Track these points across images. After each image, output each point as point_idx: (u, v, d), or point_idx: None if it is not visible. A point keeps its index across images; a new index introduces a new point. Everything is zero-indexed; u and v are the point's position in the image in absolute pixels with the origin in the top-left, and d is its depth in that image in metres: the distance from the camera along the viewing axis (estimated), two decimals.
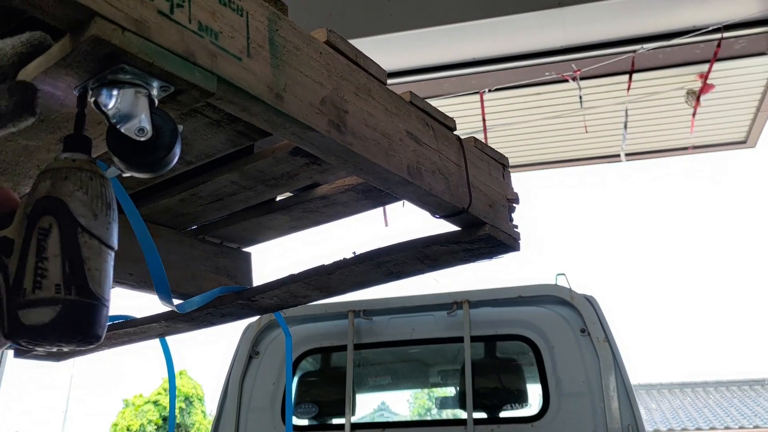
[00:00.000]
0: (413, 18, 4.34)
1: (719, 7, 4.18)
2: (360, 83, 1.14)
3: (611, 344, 2.80)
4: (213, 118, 1.28)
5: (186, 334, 2.11)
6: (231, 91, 0.88)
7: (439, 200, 1.29)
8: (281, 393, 3.06)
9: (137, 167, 0.85)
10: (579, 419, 2.73)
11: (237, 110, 0.93)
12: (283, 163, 1.47)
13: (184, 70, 0.81)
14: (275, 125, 0.98)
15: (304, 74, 1.00)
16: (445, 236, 1.47)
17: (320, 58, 1.05)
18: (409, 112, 1.27)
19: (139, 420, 20.85)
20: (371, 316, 3.11)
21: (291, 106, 0.96)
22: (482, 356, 3.09)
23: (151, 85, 0.81)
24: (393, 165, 1.16)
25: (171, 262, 1.81)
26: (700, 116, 5.13)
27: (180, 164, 1.46)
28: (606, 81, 4.86)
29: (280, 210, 1.72)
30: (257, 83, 0.91)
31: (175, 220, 1.80)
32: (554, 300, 2.97)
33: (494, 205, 1.46)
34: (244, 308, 1.84)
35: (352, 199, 1.62)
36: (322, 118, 1.02)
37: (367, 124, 1.13)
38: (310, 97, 1.00)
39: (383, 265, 1.57)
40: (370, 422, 3.84)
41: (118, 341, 2.13)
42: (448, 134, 1.39)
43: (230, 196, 1.63)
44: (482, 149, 1.51)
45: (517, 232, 1.51)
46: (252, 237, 1.94)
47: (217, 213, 1.76)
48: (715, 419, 16.01)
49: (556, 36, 4.43)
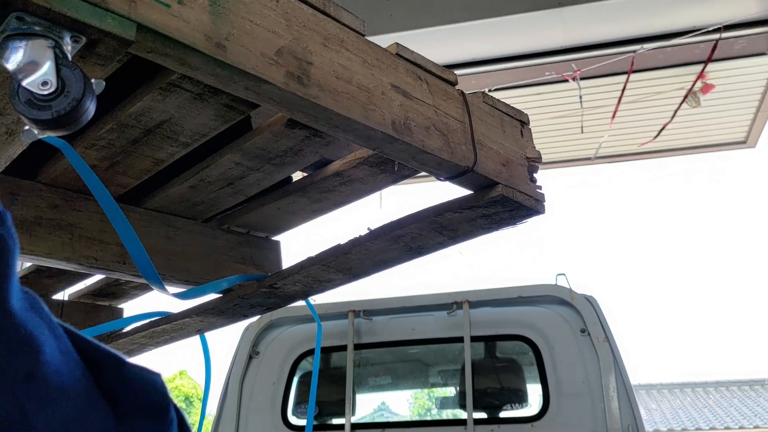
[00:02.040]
0: (413, 18, 4.34)
1: (719, 7, 4.18)
2: (329, 33, 1.06)
3: (611, 344, 2.80)
4: (194, 92, 1.25)
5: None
6: (159, 40, 0.82)
7: (437, 158, 1.19)
8: (281, 393, 3.07)
9: (47, 125, 0.78)
10: (579, 419, 2.73)
11: (175, 64, 0.88)
12: (283, 137, 1.43)
13: (93, 17, 0.74)
14: (222, 79, 0.93)
15: (254, 23, 0.93)
16: (457, 201, 1.37)
17: (277, 7, 0.98)
18: (395, 65, 1.18)
19: None
20: (371, 316, 3.11)
21: (238, 56, 0.89)
22: (482, 356, 3.09)
23: (62, 36, 0.75)
24: (374, 120, 1.08)
25: (191, 253, 1.80)
26: (701, 116, 5.13)
27: (177, 147, 1.45)
28: (606, 81, 4.86)
29: (296, 192, 1.68)
30: (191, 32, 0.84)
31: (193, 210, 1.79)
32: (554, 300, 2.97)
33: (509, 164, 1.34)
34: (269, 297, 1.80)
35: (367, 175, 1.55)
36: (278, 69, 0.94)
37: (339, 77, 1.04)
38: (262, 48, 0.93)
39: (400, 239, 1.48)
40: (370, 422, 3.84)
41: (159, 340, 2.13)
42: (447, 89, 1.28)
43: (240, 179, 1.61)
44: (494, 105, 1.40)
45: (540, 193, 1.38)
46: (276, 224, 1.92)
47: (232, 199, 1.74)
48: (715, 419, 16.00)
49: (556, 36, 4.43)
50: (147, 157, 1.50)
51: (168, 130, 1.40)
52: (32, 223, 1.56)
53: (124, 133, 1.40)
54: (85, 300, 2.31)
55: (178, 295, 1.64)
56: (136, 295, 2.30)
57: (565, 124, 5.43)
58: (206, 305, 1.87)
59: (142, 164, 1.54)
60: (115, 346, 2.19)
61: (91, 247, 1.64)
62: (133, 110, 1.31)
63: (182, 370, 21.98)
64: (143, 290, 2.24)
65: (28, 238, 1.54)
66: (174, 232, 1.79)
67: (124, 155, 1.49)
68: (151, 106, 1.30)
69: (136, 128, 1.38)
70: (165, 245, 1.76)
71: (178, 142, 1.44)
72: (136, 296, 2.32)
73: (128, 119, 1.35)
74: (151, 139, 1.43)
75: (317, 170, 1.61)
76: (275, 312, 3.16)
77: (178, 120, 1.35)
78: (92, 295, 2.28)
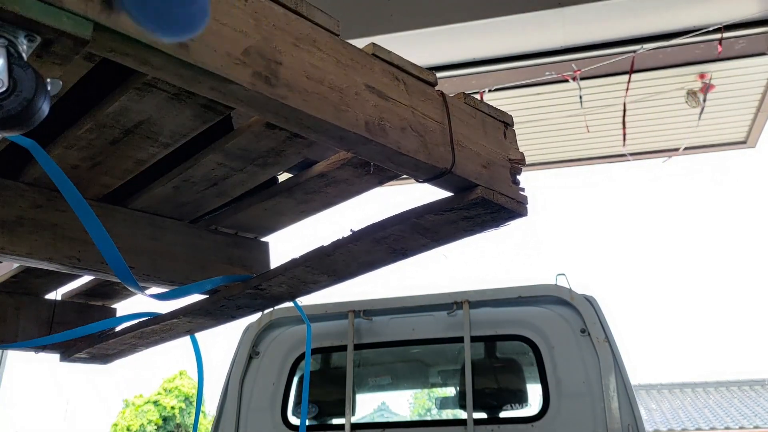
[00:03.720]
0: (413, 18, 4.34)
1: (719, 7, 4.18)
2: (301, 33, 1.05)
3: (611, 344, 2.80)
4: (170, 92, 1.25)
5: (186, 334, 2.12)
6: (118, 39, 0.81)
7: (413, 160, 1.18)
8: (281, 393, 3.06)
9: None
10: (579, 419, 2.73)
11: (137, 63, 0.87)
12: (264, 138, 1.42)
13: (47, 16, 0.72)
14: (187, 79, 0.92)
15: (220, 22, 0.92)
16: (437, 203, 1.36)
17: (245, 7, 0.97)
18: (371, 65, 1.16)
19: (139, 420, 20.83)
20: (371, 316, 3.11)
21: (201, 56, 0.88)
22: (482, 356, 3.09)
23: (16, 36, 0.74)
24: (345, 121, 1.06)
25: (177, 254, 1.80)
26: (701, 116, 5.13)
27: (157, 147, 1.45)
28: (606, 81, 4.87)
29: (282, 193, 1.68)
30: None
31: (178, 210, 1.78)
32: (554, 300, 2.97)
33: (490, 165, 1.33)
34: (255, 298, 1.80)
35: (352, 176, 1.55)
36: (244, 69, 0.94)
37: (310, 77, 1.03)
38: (228, 48, 0.92)
39: (383, 241, 1.48)
40: (370, 422, 3.83)
41: (149, 341, 2.13)
42: (426, 89, 1.27)
43: (224, 180, 1.61)
44: (475, 106, 1.38)
45: (522, 195, 1.38)
46: (264, 225, 1.92)
47: (218, 200, 1.74)
48: (715, 419, 16.00)
49: (556, 36, 4.43)
50: (128, 157, 1.50)
51: (147, 130, 1.39)
52: (14, 223, 1.55)
53: (104, 133, 1.39)
54: (77, 300, 2.30)
55: (155, 296, 1.63)
56: (129, 295, 2.30)
57: (565, 124, 5.43)
58: (193, 306, 1.87)
59: (124, 164, 1.53)
60: (105, 346, 2.19)
61: (73, 248, 1.63)
62: (111, 110, 1.31)
63: (182, 370, 21.98)
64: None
65: (9, 237, 1.53)
66: (160, 233, 1.78)
67: (105, 155, 1.49)
68: (128, 106, 1.30)
69: (115, 128, 1.38)
70: (151, 245, 1.76)
71: (159, 143, 1.44)
72: (129, 296, 2.31)
73: (106, 119, 1.34)
74: (131, 140, 1.42)
75: (302, 171, 1.62)
76: (275, 312, 3.16)
77: (156, 120, 1.35)
78: (85, 295, 2.27)
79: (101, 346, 2.17)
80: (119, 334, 2.11)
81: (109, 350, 2.24)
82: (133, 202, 1.73)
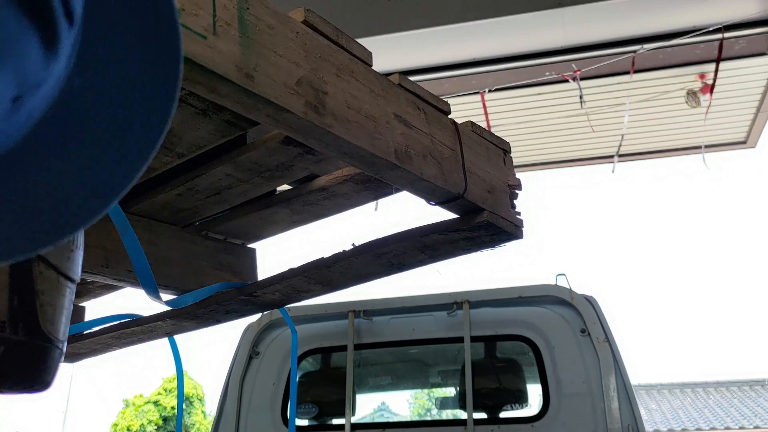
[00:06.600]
0: (413, 18, 4.34)
1: (719, 7, 4.18)
2: (342, 64, 1.11)
3: (611, 344, 2.80)
4: (198, 107, 1.26)
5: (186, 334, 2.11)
6: (195, 70, 0.86)
7: (431, 185, 1.26)
8: (281, 393, 3.06)
9: None
10: (579, 419, 2.73)
11: (205, 91, 0.91)
12: (277, 153, 1.45)
13: None
14: (248, 107, 0.96)
15: (278, 54, 0.97)
16: (444, 224, 1.44)
17: (297, 38, 1.02)
18: (398, 95, 1.24)
19: (139, 420, 20.85)
20: (371, 317, 3.11)
21: (263, 86, 0.94)
22: (482, 356, 3.09)
23: None
24: (379, 148, 1.14)
25: (172, 259, 1.80)
26: (700, 116, 5.13)
27: (172, 157, 1.46)
28: (606, 81, 4.86)
29: (280, 203, 1.71)
30: (224, 62, 0.88)
31: (175, 215, 1.79)
32: (554, 300, 2.97)
33: (494, 191, 1.43)
34: (247, 304, 1.82)
35: (352, 191, 1.60)
36: (298, 99, 0.99)
37: (350, 106, 1.10)
38: (285, 78, 0.98)
39: (383, 256, 1.54)
40: (370, 422, 3.83)
41: (126, 341, 2.12)
42: (441, 118, 1.36)
43: (227, 190, 1.62)
44: (480, 134, 1.48)
45: (519, 219, 1.48)
46: (255, 232, 1.93)
47: (217, 207, 1.75)
48: (715, 419, 16.00)
49: (556, 36, 4.43)
50: None
51: (166, 141, 1.40)
52: None
53: None
54: None
55: (170, 303, 1.64)
56: (100, 294, 2.26)
57: (565, 124, 5.43)
58: (181, 309, 1.87)
59: None
60: (80, 346, 2.17)
61: (100, 256, 1.64)
62: None
63: None
64: (108, 290, 2.20)
65: None
66: (156, 238, 1.79)
67: None
68: None
69: None
70: (147, 250, 1.76)
71: (174, 153, 1.45)
72: (100, 295, 2.28)
73: None
74: None
75: (303, 184, 1.64)
76: (275, 312, 3.16)
77: (177, 132, 1.36)
78: None
79: (74, 345, 2.15)
80: (96, 334, 2.08)
81: (82, 349, 2.21)
82: (132, 206, 1.73)
